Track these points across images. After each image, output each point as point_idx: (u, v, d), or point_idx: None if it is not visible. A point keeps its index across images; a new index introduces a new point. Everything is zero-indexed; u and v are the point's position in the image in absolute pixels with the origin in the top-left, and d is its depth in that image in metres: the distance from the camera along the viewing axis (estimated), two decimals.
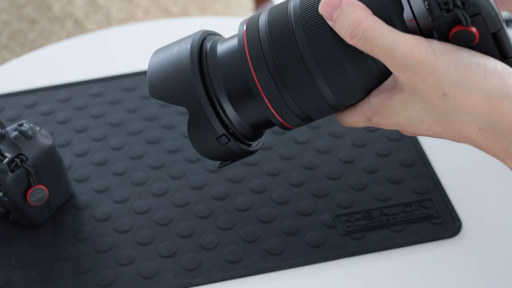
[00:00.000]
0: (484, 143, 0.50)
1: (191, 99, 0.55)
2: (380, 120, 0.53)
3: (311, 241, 0.63)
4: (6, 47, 1.84)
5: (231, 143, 0.56)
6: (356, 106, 0.55)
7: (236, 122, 0.56)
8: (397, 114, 0.52)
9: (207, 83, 0.55)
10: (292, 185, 0.68)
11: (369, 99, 0.53)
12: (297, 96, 0.53)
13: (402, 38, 0.48)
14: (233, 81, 0.55)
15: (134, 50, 0.86)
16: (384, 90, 0.52)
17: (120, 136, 0.75)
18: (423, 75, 0.48)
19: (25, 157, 0.61)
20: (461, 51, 0.48)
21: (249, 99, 0.55)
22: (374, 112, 0.53)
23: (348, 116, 0.56)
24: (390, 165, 0.70)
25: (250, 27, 0.55)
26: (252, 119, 0.56)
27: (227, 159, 0.59)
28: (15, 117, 0.77)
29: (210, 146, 0.56)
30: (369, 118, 0.54)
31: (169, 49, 0.58)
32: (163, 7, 1.95)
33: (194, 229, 0.65)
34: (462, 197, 0.67)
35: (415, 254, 0.62)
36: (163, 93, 0.56)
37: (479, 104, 0.47)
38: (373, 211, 0.65)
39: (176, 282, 0.61)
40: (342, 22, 0.49)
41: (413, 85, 0.49)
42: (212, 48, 0.56)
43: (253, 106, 0.55)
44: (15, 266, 0.63)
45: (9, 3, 1.97)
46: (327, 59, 0.51)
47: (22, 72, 0.84)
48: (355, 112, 0.55)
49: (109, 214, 0.67)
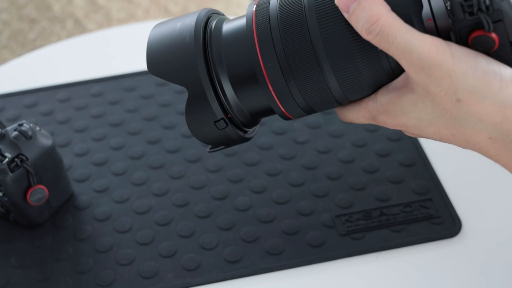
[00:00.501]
0: (494, 152, 0.49)
1: (192, 79, 0.52)
2: (386, 119, 0.52)
3: (311, 241, 0.63)
4: (6, 47, 1.84)
5: (229, 128, 0.54)
6: (361, 102, 0.53)
7: (236, 107, 0.54)
8: (405, 115, 0.50)
9: (209, 64, 0.53)
10: (292, 185, 0.68)
11: (377, 97, 0.52)
12: (302, 85, 0.51)
13: (420, 38, 0.46)
14: (238, 65, 0.53)
15: (134, 50, 0.86)
16: (394, 89, 0.50)
17: (120, 136, 0.75)
18: (438, 77, 0.47)
19: (25, 157, 0.61)
20: (479, 57, 0.47)
21: (252, 85, 0.53)
22: (380, 111, 0.52)
23: (350, 112, 0.54)
24: (390, 165, 0.70)
25: (260, 9, 0.52)
26: (253, 105, 0.54)
27: (221, 144, 0.57)
28: (15, 117, 0.77)
29: (207, 130, 0.54)
30: (374, 116, 0.53)
31: (171, 23, 0.55)
32: (163, 7, 1.95)
33: (194, 229, 0.65)
34: (462, 197, 0.67)
35: (415, 254, 0.62)
36: (162, 70, 0.53)
37: (493, 113, 0.47)
38: (373, 211, 0.65)
39: (176, 282, 0.61)
40: (359, 16, 0.47)
41: (427, 87, 0.47)
42: (217, 27, 0.54)
43: (256, 92, 0.53)
44: (15, 266, 0.63)
45: (9, 3, 1.97)
46: (339, 50, 0.49)
47: (22, 72, 0.84)
48: (359, 108, 0.53)
49: (109, 214, 0.67)
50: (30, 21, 1.92)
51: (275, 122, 0.75)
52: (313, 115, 0.75)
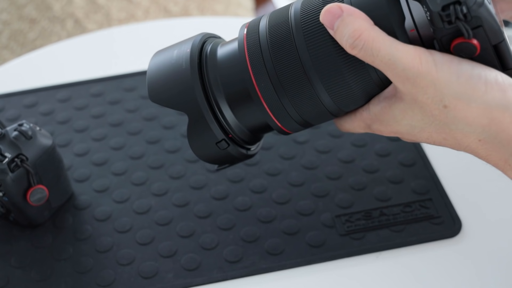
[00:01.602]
0: (484, 153, 0.50)
1: (191, 104, 0.55)
2: (380, 127, 0.53)
3: (311, 241, 0.63)
4: (6, 47, 1.84)
5: (231, 148, 0.56)
6: (356, 112, 0.55)
7: (235, 126, 0.56)
8: (397, 123, 0.52)
9: (206, 87, 0.55)
10: (292, 185, 0.68)
11: (369, 107, 0.53)
12: (296, 102, 0.53)
13: (403, 50, 0.48)
14: (233, 85, 0.55)
15: (134, 50, 0.86)
16: (385, 98, 0.52)
17: (120, 136, 0.75)
18: (423, 87, 0.48)
19: (25, 157, 0.61)
20: (463, 62, 0.47)
21: (248, 104, 0.55)
22: (374, 120, 0.53)
23: (347, 122, 0.56)
24: (390, 165, 0.70)
25: (251, 31, 0.55)
26: (251, 123, 0.56)
27: (226, 163, 0.59)
28: (15, 117, 0.77)
29: (209, 151, 0.56)
30: (369, 125, 0.54)
31: (168, 52, 0.57)
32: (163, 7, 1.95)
33: (194, 229, 0.65)
34: (462, 197, 0.67)
35: (415, 254, 0.62)
36: (162, 97, 0.56)
37: (480, 116, 0.47)
38: (373, 211, 0.65)
39: (176, 282, 0.61)
40: (343, 32, 0.49)
41: (413, 96, 0.49)
42: (212, 52, 0.56)
43: (252, 111, 0.55)
44: (15, 266, 0.63)
45: (9, 3, 1.97)
46: (327, 66, 0.51)
47: (22, 72, 0.84)
48: (354, 118, 0.55)
49: (109, 214, 0.67)
50: (30, 21, 1.92)
51: None
52: None
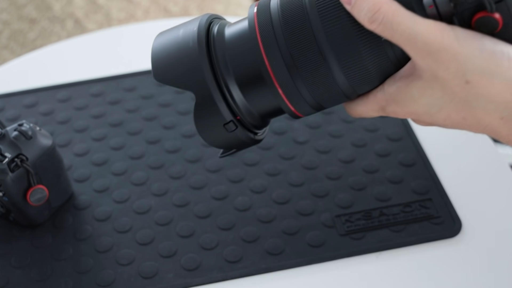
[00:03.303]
0: (506, 132, 0.49)
1: (198, 82, 0.52)
2: (396, 108, 0.51)
3: (311, 241, 0.63)
4: (6, 47, 1.84)
5: (238, 130, 0.53)
6: (369, 94, 0.52)
7: (244, 108, 0.54)
8: (415, 102, 0.50)
9: (215, 67, 0.53)
10: (292, 185, 0.68)
11: (384, 87, 0.51)
12: (310, 82, 0.51)
13: (424, 24, 0.46)
14: (243, 66, 0.52)
15: (134, 50, 0.86)
16: (401, 78, 0.50)
17: (120, 136, 0.75)
18: (445, 61, 0.46)
19: (25, 157, 0.61)
20: (485, 38, 0.46)
21: (260, 85, 0.52)
22: (389, 101, 0.51)
23: (360, 105, 0.53)
24: (390, 165, 0.70)
25: (261, 9, 0.52)
26: (262, 106, 0.54)
27: (232, 148, 0.56)
28: (15, 117, 0.77)
29: (216, 133, 0.54)
30: (383, 107, 0.52)
31: (174, 31, 0.55)
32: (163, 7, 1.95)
33: (194, 229, 0.65)
34: (462, 197, 0.67)
35: (415, 254, 0.62)
36: (168, 76, 0.53)
37: (503, 92, 0.46)
38: (373, 211, 0.65)
39: (176, 282, 0.61)
40: (361, 6, 0.47)
41: (434, 72, 0.47)
42: (219, 31, 0.54)
43: (264, 93, 0.53)
44: (15, 266, 0.63)
45: (9, 3, 1.97)
46: (343, 43, 0.49)
47: (22, 72, 0.84)
48: (367, 101, 0.53)
49: (109, 214, 0.67)
50: (30, 21, 1.92)
51: (275, 122, 0.75)
52: (313, 115, 0.75)
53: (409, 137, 0.72)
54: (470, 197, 0.67)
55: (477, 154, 0.71)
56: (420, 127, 0.73)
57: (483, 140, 0.73)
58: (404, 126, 0.74)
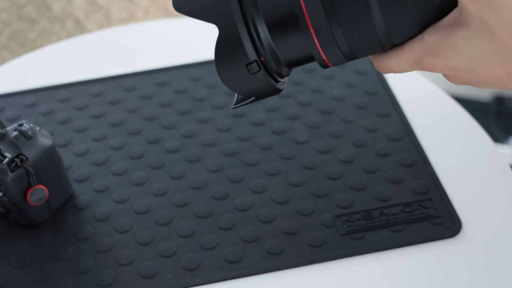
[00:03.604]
0: None
1: (224, 15, 0.48)
2: (434, 61, 0.47)
3: (311, 241, 0.63)
4: (6, 47, 1.84)
5: (261, 73, 0.49)
6: (404, 45, 0.49)
7: (270, 51, 0.50)
8: (458, 53, 0.46)
9: (243, 3, 0.49)
10: (292, 185, 0.68)
11: (423, 37, 0.47)
12: (347, 27, 0.47)
13: None
14: (275, 5, 0.49)
15: (134, 50, 0.86)
16: (443, 27, 0.46)
17: (120, 136, 0.75)
18: (498, 7, 0.43)
19: (25, 157, 0.61)
20: None
21: (291, 28, 0.49)
22: (428, 51, 0.47)
23: (392, 58, 0.49)
24: (390, 165, 0.70)
25: None
26: (290, 50, 0.50)
27: (250, 94, 0.52)
28: (15, 117, 0.77)
29: (237, 73, 0.50)
30: (420, 60, 0.48)
31: None
32: (163, 7, 1.95)
33: (194, 229, 0.65)
34: (462, 197, 0.67)
35: (415, 254, 0.62)
36: (189, 7, 0.49)
37: None
38: (373, 211, 0.65)
39: (176, 282, 0.61)
40: None
41: (484, 18, 0.44)
42: None
43: (295, 36, 0.49)
44: (15, 266, 0.63)
45: (9, 3, 1.97)
46: None
47: (22, 72, 0.84)
48: (402, 52, 0.49)
49: (109, 214, 0.67)
50: (30, 21, 1.92)
51: (275, 122, 0.75)
52: (313, 115, 0.75)
53: (409, 137, 0.72)
54: (470, 197, 0.67)
55: (477, 154, 0.71)
56: (420, 127, 0.73)
57: (483, 140, 0.73)
58: (404, 126, 0.74)
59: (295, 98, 0.78)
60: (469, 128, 0.74)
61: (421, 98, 0.77)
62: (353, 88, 0.79)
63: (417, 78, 0.80)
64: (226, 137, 0.73)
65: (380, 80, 0.79)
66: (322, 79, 0.80)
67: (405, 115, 0.75)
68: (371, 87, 0.79)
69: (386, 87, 0.78)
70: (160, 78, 0.81)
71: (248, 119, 0.75)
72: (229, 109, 0.76)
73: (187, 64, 0.83)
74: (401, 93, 0.78)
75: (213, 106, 0.77)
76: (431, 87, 0.79)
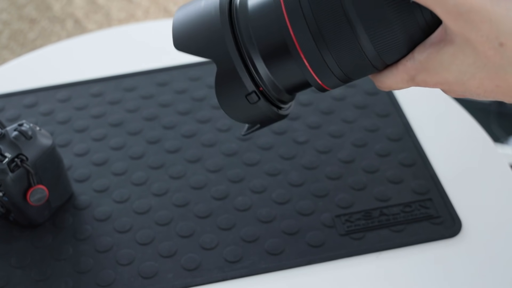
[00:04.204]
0: None
1: (220, 51, 0.51)
2: (426, 77, 0.49)
3: (311, 241, 0.63)
4: (6, 47, 1.84)
5: (261, 102, 0.51)
6: (398, 64, 0.50)
7: (268, 81, 0.52)
8: (446, 69, 0.47)
9: (237, 37, 0.51)
10: (292, 185, 0.68)
11: (414, 55, 0.49)
12: (337, 52, 0.49)
13: None
14: (267, 37, 0.51)
15: (134, 50, 0.86)
16: (431, 44, 0.48)
17: (120, 136, 0.75)
18: (477, 22, 0.44)
19: (25, 157, 0.61)
20: None
21: (285, 57, 0.51)
22: (419, 69, 0.49)
23: (388, 77, 0.51)
24: (390, 165, 0.70)
25: None
26: (287, 78, 0.52)
27: (255, 123, 0.54)
28: (15, 117, 0.77)
29: (238, 105, 0.52)
30: (413, 77, 0.50)
31: (195, 3, 0.54)
32: (163, 7, 1.95)
33: (194, 229, 0.65)
34: (462, 197, 0.67)
35: (415, 254, 0.62)
36: (188, 45, 0.51)
37: None
38: (373, 211, 0.65)
39: (176, 282, 0.61)
40: None
41: (466, 35, 0.45)
42: (242, 3, 0.52)
43: (289, 64, 0.51)
44: (15, 266, 0.63)
45: (9, 3, 1.97)
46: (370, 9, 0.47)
47: (22, 72, 0.84)
48: (396, 71, 0.50)
49: (109, 214, 0.67)
50: (30, 21, 1.92)
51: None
52: (313, 115, 0.75)
53: (409, 137, 0.72)
54: (470, 197, 0.67)
55: (477, 154, 0.71)
56: (420, 127, 0.73)
57: (483, 140, 0.73)
58: (404, 126, 0.74)
59: (295, 98, 0.77)
60: (469, 128, 0.74)
61: (421, 98, 0.77)
62: (353, 88, 0.79)
63: None
64: (226, 137, 0.74)
65: None
66: None
67: (405, 115, 0.75)
68: (371, 87, 0.79)
69: None
70: (160, 78, 0.81)
71: None
72: None
73: (187, 64, 0.83)
74: (401, 93, 0.78)
75: (213, 106, 0.77)
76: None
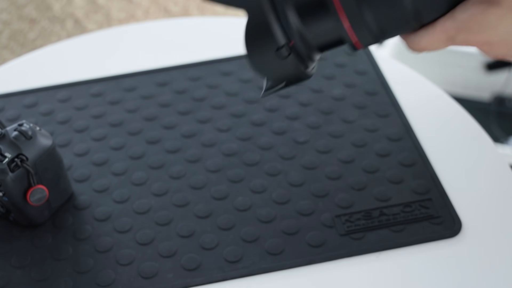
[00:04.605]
0: None
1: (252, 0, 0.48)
2: (468, 37, 0.48)
3: (311, 241, 0.63)
4: (6, 47, 1.84)
5: (291, 58, 0.49)
6: (435, 24, 0.49)
7: (300, 35, 0.50)
8: (492, 30, 0.46)
9: None
10: (292, 185, 0.68)
11: (455, 14, 0.48)
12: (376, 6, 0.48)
13: None
14: None
15: (134, 50, 0.86)
16: (473, 4, 0.46)
17: (120, 136, 0.75)
18: None
19: (25, 157, 0.61)
20: None
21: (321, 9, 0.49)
22: (460, 28, 0.48)
23: (424, 37, 0.50)
24: (390, 165, 0.70)
25: None
26: (320, 33, 0.50)
27: (280, 80, 0.52)
28: (15, 117, 0.77)
29: (267, 59, 0.50)
30: (453, 37, 0.48)
31: None
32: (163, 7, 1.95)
33: (194, 229, 0.65)
34: (462, 197, 0.67)
35: (415, 254, 0.62)
36: None
37: None
38: (373, 211, 0.65)
39: (176, 282, 0.61)
40: None
41: None
42: None
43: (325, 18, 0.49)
44: (15, 266, 0.63)
45: (9, 3, 1.97)
46: None
47: (22, 72, 0.84)
48: (433, 30, 0.49)
49: (109, 214, 0.67)
50: (30, 21, 1.92)
51: (275, 122, 0.75)
52: (313, 115, 0.75)
53: (409, 137, 0.72)
54: (470, 197, 0.67)
55: (477, 154, 0.71)
56: (420, 127, 0.73)
57: (483, 140, 0.73)
58: (404, 126, 0.74)
59: (295, 98, 0.77)
60: (469, 128, 0.74)
61: (421, 98, 0.77)
62: (353, 88, 0.79)
63: (417, 78, 0.80)
64: (226, 137, 0.73)
65: (380, 80, 0.79)
66: (322, 79, 0.80)
67: (405, 115, 0.75)
68: (371, 87, 0.79)
69: (386, 87, 0.78)
70: (160, 78, 0.81)
71: (248, 119, 0.75)
72: (229, 109, 0.76)
73: (187, 64, 0.83)
74: (401, 93, 0.78)
75: (213, 106, 0.77)
76: (431, 87, 0.79)
